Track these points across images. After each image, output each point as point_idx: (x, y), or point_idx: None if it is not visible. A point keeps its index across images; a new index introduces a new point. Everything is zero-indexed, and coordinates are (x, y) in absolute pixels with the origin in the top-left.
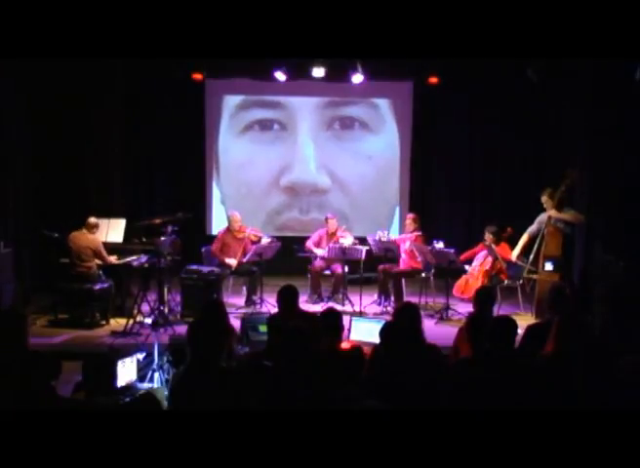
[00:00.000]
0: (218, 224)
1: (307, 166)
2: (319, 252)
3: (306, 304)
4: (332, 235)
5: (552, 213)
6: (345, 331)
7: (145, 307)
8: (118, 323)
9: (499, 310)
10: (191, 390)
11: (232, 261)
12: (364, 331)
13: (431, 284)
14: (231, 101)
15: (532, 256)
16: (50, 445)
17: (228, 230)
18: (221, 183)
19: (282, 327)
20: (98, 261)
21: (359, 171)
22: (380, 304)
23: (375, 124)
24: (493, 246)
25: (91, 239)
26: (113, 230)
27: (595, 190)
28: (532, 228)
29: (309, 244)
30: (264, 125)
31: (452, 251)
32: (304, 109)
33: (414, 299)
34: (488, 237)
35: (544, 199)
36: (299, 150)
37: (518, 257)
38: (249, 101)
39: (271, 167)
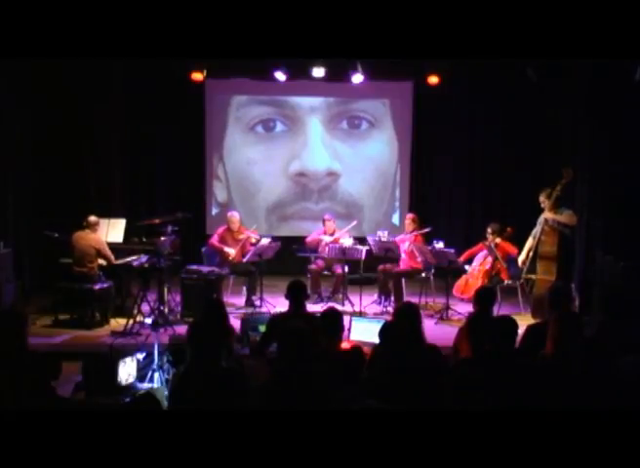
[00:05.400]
0: (217, 224)
1: (310, 163)
2: (326, 238)
3: (307, 304)
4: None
5: (548, 214)
6: (345, 331)
7: (145, 307)
8: (118, 323)
9: (499, 310)
10: (191, 390)
11: (231, 251)
12: (364, 331)
13: (431, 284)
14: (232, 101)
15: (524, 255)
16: (50, 445)
17: (228, 230)
18: (226, 183)
19: (282, 326)
20: (101, 261)
21: (360, 170)
22: (380, 304)
23: (374, 124)
24: (493, 246)
25: (95, 238)
26: (113, 230)
27: (595, 190)
28: (534, 231)
29: (313, 236)
30: (267, 124)
31: (452, 251)
32: (306, 108)
33: (414, 299)
34: (489, 235)
35: (542, 199)
36: (302, 148)
37: (523, 262)
38: (250, 101)
39: (277, 163)
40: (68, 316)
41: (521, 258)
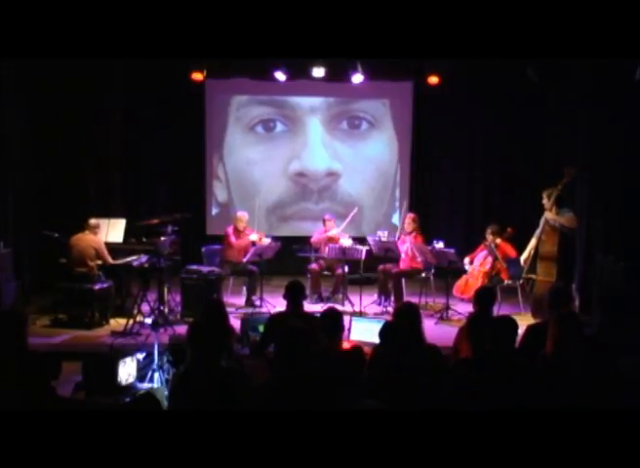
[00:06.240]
0: (217, 224)
1: (310, 163)
2: (334, 232)
3: (306, 304)
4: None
5: (549, 214)
6: (345, 332)
7: (145, 307)
8: (118, 323)
9: (499, 310)
10: (191, 390)
11: (254, 236)
12: (364, 331)
13: (431, 284)
14: (232, 101)
15: (526, 253)
16: (50, 445)
17: (235, 229)
18: (226, 183)
19: (281, 326)
20: (98, 262)
21: (360, 170)
22: (380, 304)
23: (375, 124)
24: (493, 246)
25: (94, 239)
26: (113, 230)
27: (595, 190)
28: (537, 230)
29: (315, 239)
30: (267, 124)
31: (452, 251)
32: (306, 108)
33: (414, 299)
34: (489, 236)
35: (544, 198)
36: (302, 148)
37: (525, 261)
38: (250, 101)
39: (277, 163)
40: (68, 316)
41: (523, 257)
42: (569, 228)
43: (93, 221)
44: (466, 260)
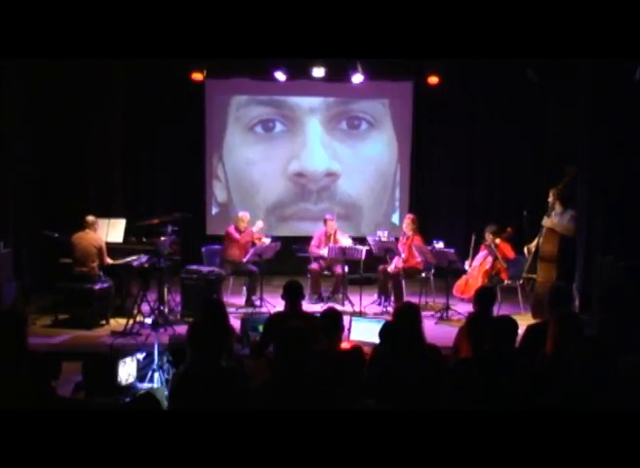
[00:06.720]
0: (217, 224)
1: (309, 163)
2: (324, 252)
3: (306, 304)
4: (330, 236)
5: (547, 221)
6: (345, 331)
7: (145, 307)
8: (118, 323)
9: (499, 310)
10: (191, 390)
11: (260, 224)
12: (364, 331)
13: (431, 284)
14: (232, 101)
15: (534, 243)
16: (50, 445)
17: (237, 229)
18: (226, 183)
19: (281, 326)
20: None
21: (359, 170)
22: (380, 304)
23: (374, 124)
24: (493, 246)
25: (95, 237)
26: (113, 230)
27: (595, 190)
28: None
29: (313, 249)
30: (267, 124)
31: (452, 251)
32: (305, 108)
33: (414, 299)
34: (488, 237)
35: (550, 196)
36: (301, 148)
37: (529, 251)
38: (249, 101)
39: (277, 163)
40: (68, 316)
41: (529, 245)
42: (566, 235)
43: (90, 218)
44: (467, 263)
